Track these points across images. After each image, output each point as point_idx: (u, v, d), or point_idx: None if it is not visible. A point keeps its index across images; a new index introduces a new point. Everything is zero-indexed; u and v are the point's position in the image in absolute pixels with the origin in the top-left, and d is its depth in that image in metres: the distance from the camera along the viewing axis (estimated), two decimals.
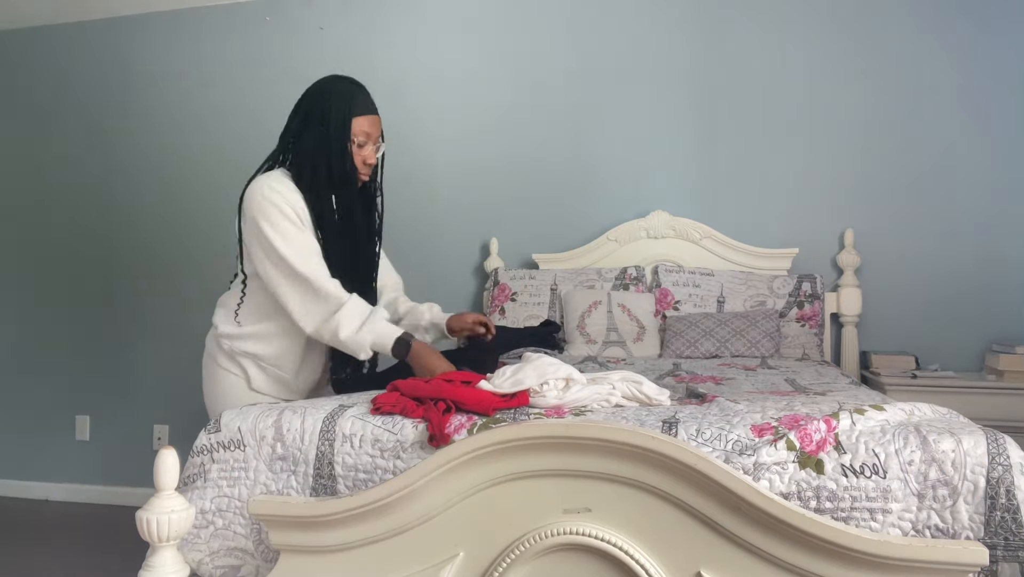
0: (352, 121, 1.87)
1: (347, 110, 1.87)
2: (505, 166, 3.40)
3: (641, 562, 1.13)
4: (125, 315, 3.84)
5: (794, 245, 3.06)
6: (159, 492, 1.22)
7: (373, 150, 1.93)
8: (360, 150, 1.90)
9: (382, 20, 3.57)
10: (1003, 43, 2.96)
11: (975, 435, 1.17)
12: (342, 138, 1.87)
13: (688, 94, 3.23)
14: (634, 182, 3.27)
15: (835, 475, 1.17)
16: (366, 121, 1.90)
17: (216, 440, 1.47)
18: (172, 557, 1.24)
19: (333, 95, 1.89)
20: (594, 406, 1.45)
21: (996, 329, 2.91)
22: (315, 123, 1.88)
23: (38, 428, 3.92)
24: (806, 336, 2.81)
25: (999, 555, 1.10)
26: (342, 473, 1.39)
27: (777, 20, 3.16)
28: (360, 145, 1.90)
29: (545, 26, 3.39)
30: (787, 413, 1.30)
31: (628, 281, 3.02)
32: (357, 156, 1.90)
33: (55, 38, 3.96)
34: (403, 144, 3.53)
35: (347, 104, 1.88)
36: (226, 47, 3.73)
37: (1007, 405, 2.57)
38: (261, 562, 1.40)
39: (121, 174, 3.86)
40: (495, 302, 3.08)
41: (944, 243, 2.98)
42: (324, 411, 1.46)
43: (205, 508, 1.43)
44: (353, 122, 1.87)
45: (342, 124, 1.86)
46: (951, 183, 2.99)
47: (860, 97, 3.08)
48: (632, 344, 2.79)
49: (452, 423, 1.38)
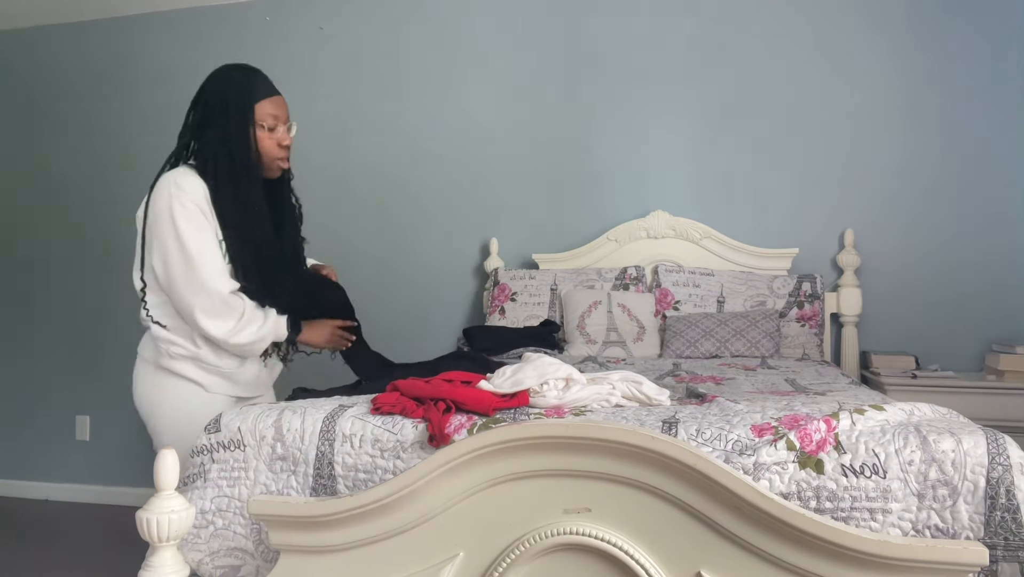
0: (255, 106, 1.80)
1: (248, 96, 1.80)
2: (505, 166, 3.41)
3: (641, 562, 1.13)
4: (125, 315, 3.84)
5: (794, 245, 3.06)
6: (159, 492, 1.22)
7: (285, 131, 1.86)
8: (272, 134, 1.83)
9: (382, 20, 3.57)
10: (1003, 43, 2.96)
11: (975, 435, 1.17)
12: (245, 125, 1.79)
13: (688, 94, 3.23)
14: (634, 182, 3.27)
15: (835, 475, 1.17)
16: (270, 103, 1.83)
17: (216, 440, 1.47)
18: (172, 557, 1.24)
19: (231, 83, 1.82)
20: (594, 406, 1.45)
21: (996, 329, 2.91)
22: (215, 114, 1.80)
23: (38, 428, 3.92)
24: (806, 336, 2.81)
25: (999, 555, 1.10)
26: (342, 473, 1.39)
27: (777, 20, 3.16)
28: (270, 129, 1.82)
29: (545, 26, 3.39)
30: (787, 413, 1.30)
31: (628, 281, 3.02)
32: (270, 140, 1.83)
33: (55, 38, 3.96)
34: (403, 144, 3.54)
35: (247, 90, 1.81)
36: (226, 47, 3.73)
37: (1007, 405, 2.57)
38: (261, 562, 1.40)
39: (121, 174, 3.85)
40: (495, 302, 3.08)
41: (944, 243, 2.98)
42: (324, 411, 1.46)
43: (205, 508, 1.43)
44: (256, 107, 1.80)
45: (244, 111, 1.79)
46: (951, 183, 2.99)
47: (860, 97, 3.08)
48: (632, 344, 2.79)
49: (452, 423, 1.38)
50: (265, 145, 1.83)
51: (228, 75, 1.85)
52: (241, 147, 1.79)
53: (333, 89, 3.58)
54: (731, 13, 3.20)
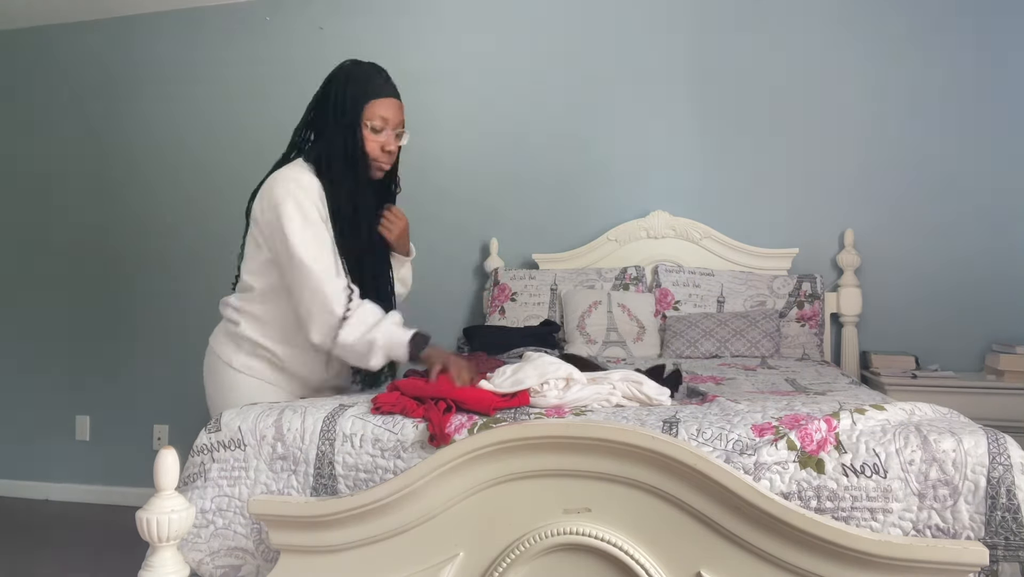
0: (366, 105, 1.77)
1: (361, 93, 1.77)
2: (505, 166, 3.40)
3: (641, 562, 1.13)
4: (125, 315, 3.84)
5: (794, 245, 3.06)
6: (159, 492, 1.22)
7: (392, 136, 1.82)
8: (376, 135, 1.79)
9: (382, 20, 3.57)
10: (1003, 43, 2.96)
11: (976, 435, 1.17)
12: (354, 123, 1.76)
13: (689, 94, 3.23)
14: (634, 182, 3.27)
15: (835, 475, 1.17)
16: (381, 104, 1.79)
17: (216, 440, 1.47)
18: (172, 557, 1.24)
19: (349, 80, 1.79)
20: (594, 406, 1.45)
21: (996, 329, 2.91)
22: (330, 110, 1.78)
23: (38, 428, 3.92)
24: (806, 336, 2.81)
25: (999, 555, 1.10)
26: (342, 473, 1.39)
27: (777, 20, 3.16)
28: (376, 130, 1.78)
29: (546, 26, 3.39)
30: (787, 413, 1.29)
31: (628, 281, 3.01)
32: (373, 142, 1.79)
33: (55, 38, 3.96)
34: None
35: (362, 87, 1.78)
36: (226, 47, 3.73)
37: (1007, 405, 2.57)
38: (261, 562, 1.40)
39: (121, 174, 3.86)
40: (495, 302, 3.08)
41: (944, 243, 2.98)
42: (324, 411, 1.46)
43: (205, 508, 1.43)
44: (367, 106, 1.77)
45: (355, 108, 1.76)
46: (951, 183, 2.99)
47: (860, 97, 3.08)
48: (632, 344, 2.79)
49: (452, 423, 1.38)
50: (368, 146, 1.80)
51: (349, 71, 1.83)
52: (351, 146, 1.77)
53: None
54: (732, 13, 3.20)
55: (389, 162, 1.86)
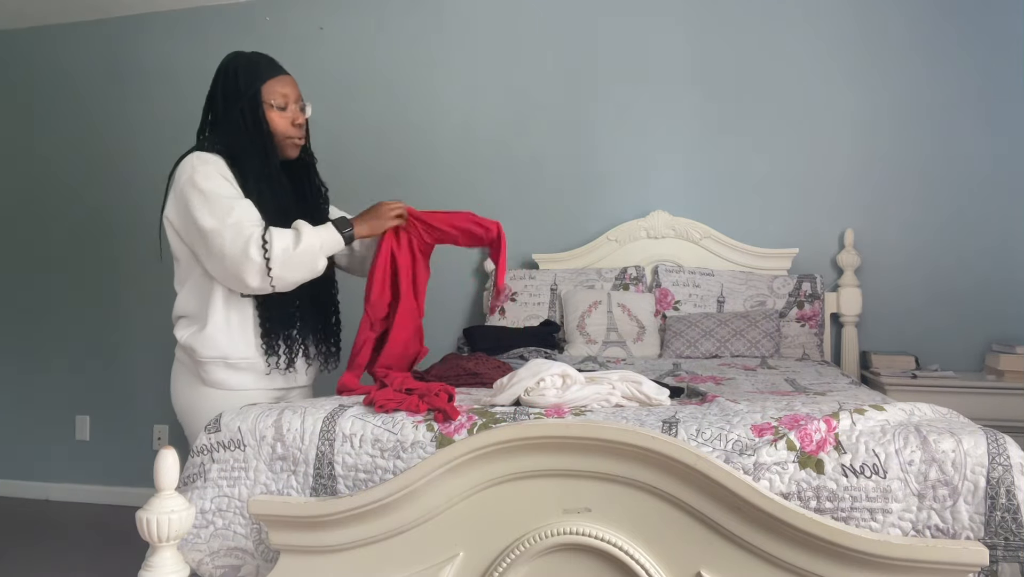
0: (262, 87, 1.81)
1: (254, 77, 1.81)
2: (505, 166, 3.41)
3: (641, 562, 1.13)
4: (125, 315, 3.84)
5: (794, 245, 3.06)
6: (159, 492, 1.22)
7: (297, 109, 1.86)
8: (283, 113, 1.83)
9: (382, 20, 3.57)
10: (1003, 42, 2.96)
11: (975, 435, 1.17)
12: (255, 106, 1.80)
13: (689, 94, 3.23)
14: (634, 182, 3.27)
15: (835, 475, 1.17)
16: (278, 82, 1.83)
17: (216, 440, 1.47)
18: (172, 557, 1.24)
19: (238, 69, 1.83)
20: (594, 406, 1.46)
21: (996, 329, 2.91)
22: (226, 101, 1.81)
23: (38, 428, 3.92)
24: (806, 336, 2.81)
25: (999, 555, 1.10)
26: (342, 473, 1.39)
27: (777, 20, 3.16)
28: (281, 108, 1.83)
29: (545, 26, 3.39)
30: (787, 413, 1.29)
31: (628, 281, 3.01)
32: (282, 119, 1.83)
33: (55, 38, 3.96)
34: (402, 144, 3.54)
35: (253, 71, 1.82)
36: (226, 47, 3.72)
37: (1007, 405, 2.57)
38: (261, 562, 1.40)
39: (120, 174, 3.86)
40: (495, 302, 3.08)
41: (944, 243, 2.98)
42: (324, 411, 1.46)
43: (205, 508, 1.43)
44: (263, 87, 1.81)
45: (253, 92, 1.80)
46: (951, 183, 2.99)
47: (860, 97, 3.08)
48: (632, 344, 2.79)
49: (456, 421, 1.39)
50: (277, 124, 1.83)
51: (232, 61, 1.86)
52: (254, 128, 1.79)
53: (333, 89, 3.58)
54: (732, 13, 3.20)
55: (301, 135, 1.89)
